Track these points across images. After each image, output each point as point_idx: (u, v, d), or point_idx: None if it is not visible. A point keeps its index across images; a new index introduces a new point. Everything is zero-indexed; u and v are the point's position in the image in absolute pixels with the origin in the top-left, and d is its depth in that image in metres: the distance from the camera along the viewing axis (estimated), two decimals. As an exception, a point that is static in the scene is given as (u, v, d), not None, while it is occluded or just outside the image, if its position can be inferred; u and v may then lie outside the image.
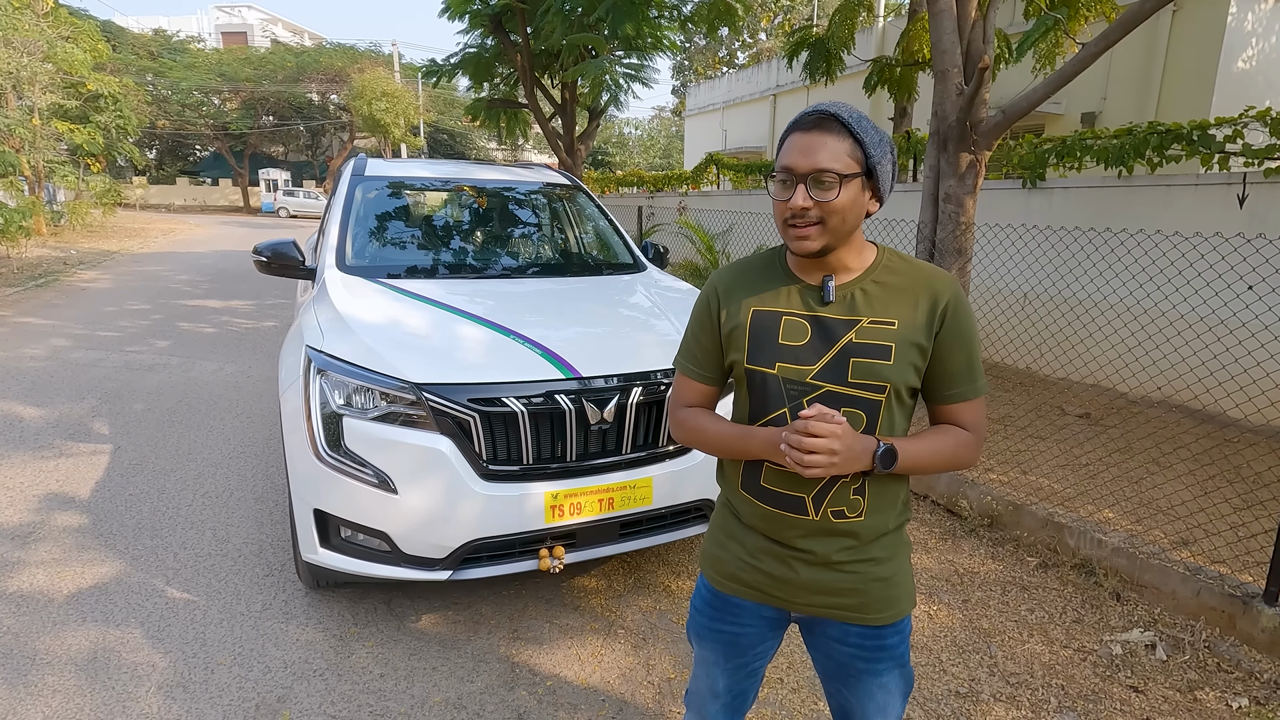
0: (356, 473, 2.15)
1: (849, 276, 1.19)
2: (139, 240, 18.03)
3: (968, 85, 4.07)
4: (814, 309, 1.18)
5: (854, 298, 1.17)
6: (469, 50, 11.07)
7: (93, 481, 3.66)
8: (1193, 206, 4.66)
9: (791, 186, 1.11)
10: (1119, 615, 2.64)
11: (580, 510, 2.27)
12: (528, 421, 2.18)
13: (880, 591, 1.23)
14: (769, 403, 1.20)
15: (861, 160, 1.11)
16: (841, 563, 1.21)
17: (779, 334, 1.19)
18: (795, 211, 1.11)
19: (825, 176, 1.09)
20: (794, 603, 1.26)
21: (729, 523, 1.32)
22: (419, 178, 3.74)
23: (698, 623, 1.39)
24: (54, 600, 2.62)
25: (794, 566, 1.22)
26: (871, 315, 1.15)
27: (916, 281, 1.17)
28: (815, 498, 1.18)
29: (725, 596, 1.33)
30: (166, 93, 31.55)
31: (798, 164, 1.10)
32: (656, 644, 2.48)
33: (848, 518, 1.19)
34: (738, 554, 1.29)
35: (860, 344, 1.14)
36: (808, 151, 1.10)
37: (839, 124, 1.11)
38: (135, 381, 5.50)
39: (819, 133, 1.10)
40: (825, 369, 1.16)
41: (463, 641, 2.46)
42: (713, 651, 1.37)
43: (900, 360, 1.14)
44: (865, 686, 1.28)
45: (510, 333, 2.41)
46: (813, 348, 1.17)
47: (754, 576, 1.27)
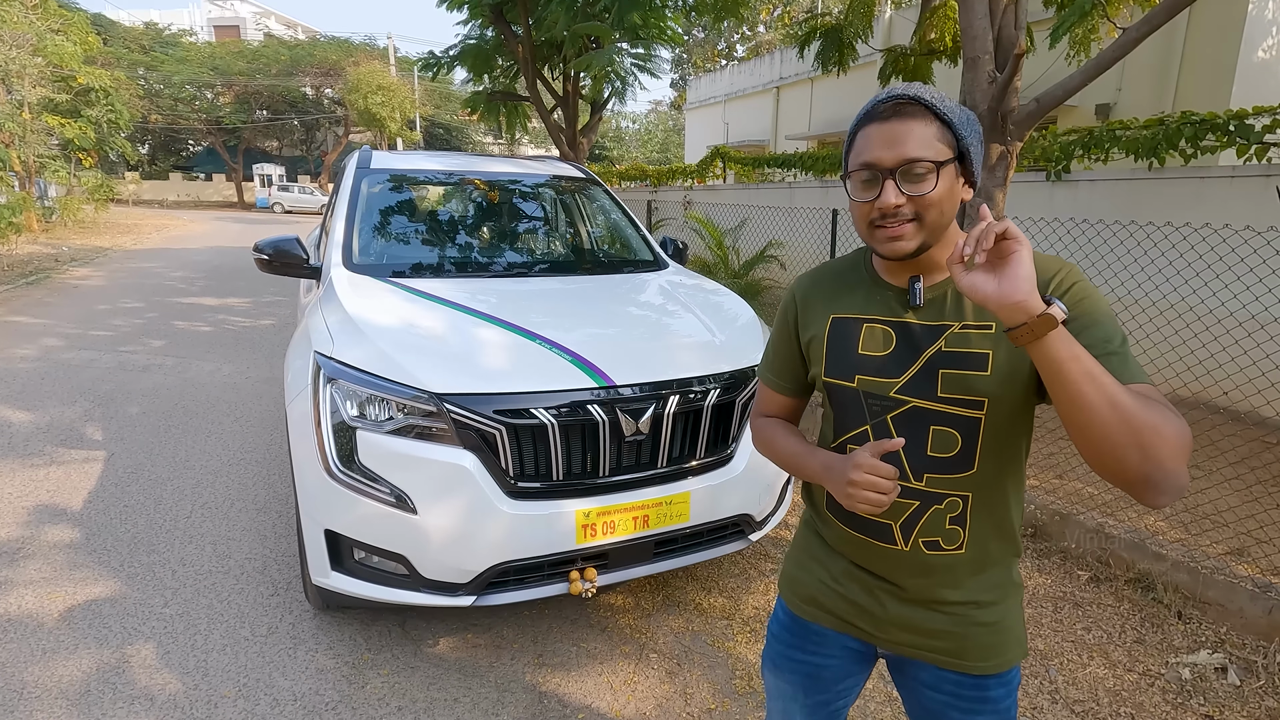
0: (372, 491, 1.97)
1: (941, 275, 1.04)
2: (132, 236, 17.75)
3: (1000, 73, 3.90)
4: (899, 314, 1.05)
5: (945, 299, 1.02)
6: (468, 41, 10.85)
7: (85, 491, 3.47)
8: (1228, 199, 4.50)
9: (877, 184, 0.97)
10: (1183, 635, 2.48)
11: (614, 529, 2.10)
12: (558, 434, 2.00)
13: (983, 637, 1.07)
14: (849, 419, 1.09)
15: (953, 143, 0.97)
16: (937, 601, 1.07)
17: (859, 343, 1.07)
18: (886, 211, 0.97)
19: (918, 167, 0.94)
20: (880, 638, 1.13)
21: (812, 543, 1.22)
22: (427, 170, 3.55)
23: (774, 650, 1.27)
24: (43, 625, 2.44)
25: (880, 598, 1.10)
26: (964, 319, 1.00)
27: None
28: (904, 525, 1.04)
29: (804, 623, 1.21)
30: (159, 87, 31.16)
31: (883, 157, 0.96)
32: (693, 669, 2.32)
33: (944, 549, 1.04)
34: (820, 577, 1.18)
35: (951, 353, 1.00)
36: (893, 142, 0.96)
37: (921, 107, 0.96)
38: (130, 383, 5.30)
39: (901, 120, 0.96)
40: (911, 382, 1.02)
41: (484, 669, 2.29)
42: (790, 684, 1.24)
43: (1001, 370, 0.97)
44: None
45: (536, 337, 2.23)
46: (897, 358, 1.04)
47: (836, 603, 1.16)
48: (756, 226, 7.71)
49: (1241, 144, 4.28)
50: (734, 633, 2.51)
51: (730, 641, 2.46)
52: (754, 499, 2.35)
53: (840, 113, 14.93)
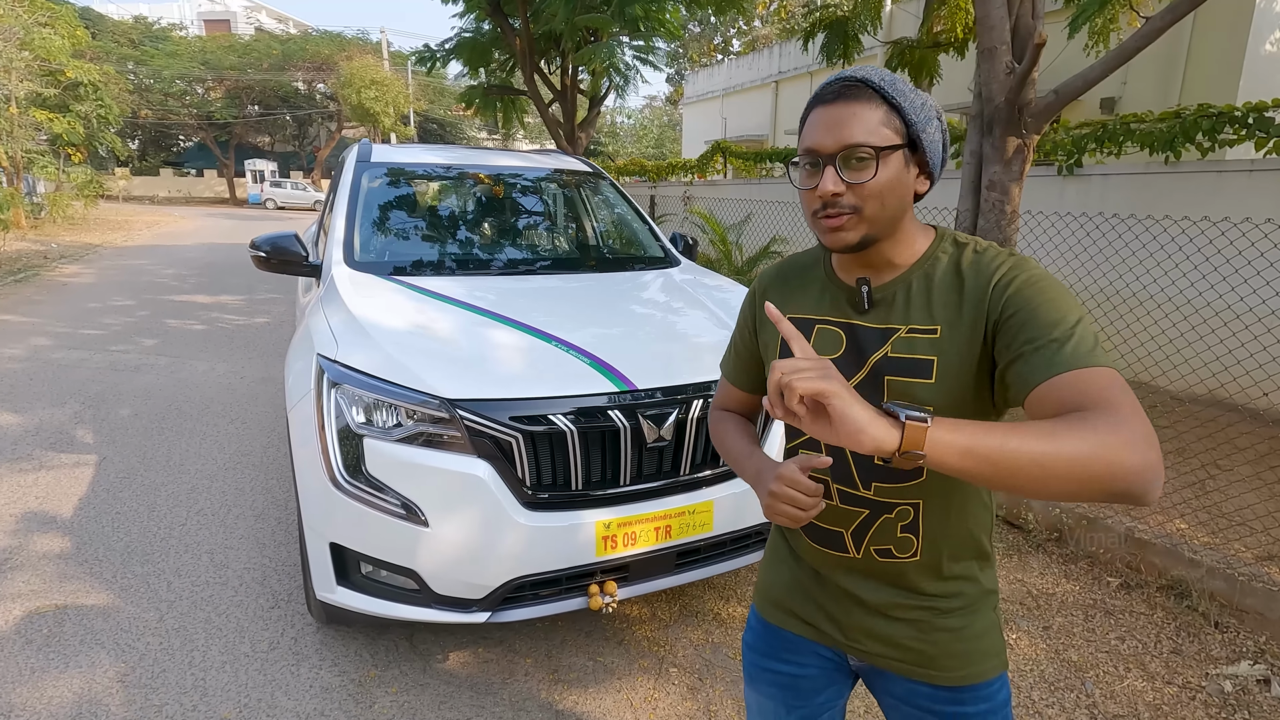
0: (380, 502, 1.86)
1: (893, 274, 0.97)
2: (122, 233, 17.51)
3: (1018, 64, 3.80)
4: (849, 316, 0.99)
5: (894, 300, 0.96)
6: (464, 35, 10.70)
7: (76, 498, 3.35)
8: (1246, 193, 4.42)
9: (819, 170, 0.91)
10: (1220, 645, 2.40)
11: (635, 541, 1.99)
12: (577, 441, 1.90)
13: (950, 645, 1.01)
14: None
15: (902, 130, 0.90)
16: (897, 607, 1.02)
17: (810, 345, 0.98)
18: (825, 199, 0.91)
19: (858, 153, 0.88)
20: (849, 645, 1.07)
21: (781, 547, 1.17)
22: (430, 164, 3.43)
23: (749, 661, 1.20)
24: (32, 641, 2.32)
25: (845, 605, 1.06)
26: (910, 321, 0.94)
27: (967, 270, 0.92)
28: (854, 533, 1.01)
29: (777, 630, 1.15)
30: (148, 81, 30.75)
31: (822, 143, 0.90)
32: (715, 684, 2.22)
33: (897, 557, 1.00)
34: (786, 581, 1.14)
35: (896, 358, 0.94)
36: (833, 127, 0.90)
37: (869, 90, 0.90)
38: (121, 384, 5.17)
39: (845, 103, 0.90)
40: (859, 388, 0.93)
41: (498, 686, 2.19)
42: (770, 698, 1.17)
43: (946, 378, 0.90)
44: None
45: (551, 338, 2.12)
46: (845, 362, 0.97)
47: (807, 607, 1.11)
48: (759, 222, 7.60)
49: (1261, 137, 4.19)
50: (755, 645, 2.41)
51: (752, 654, 2.36)
52: (778, 507, 2.25)
53: (839, 107, 14.78)
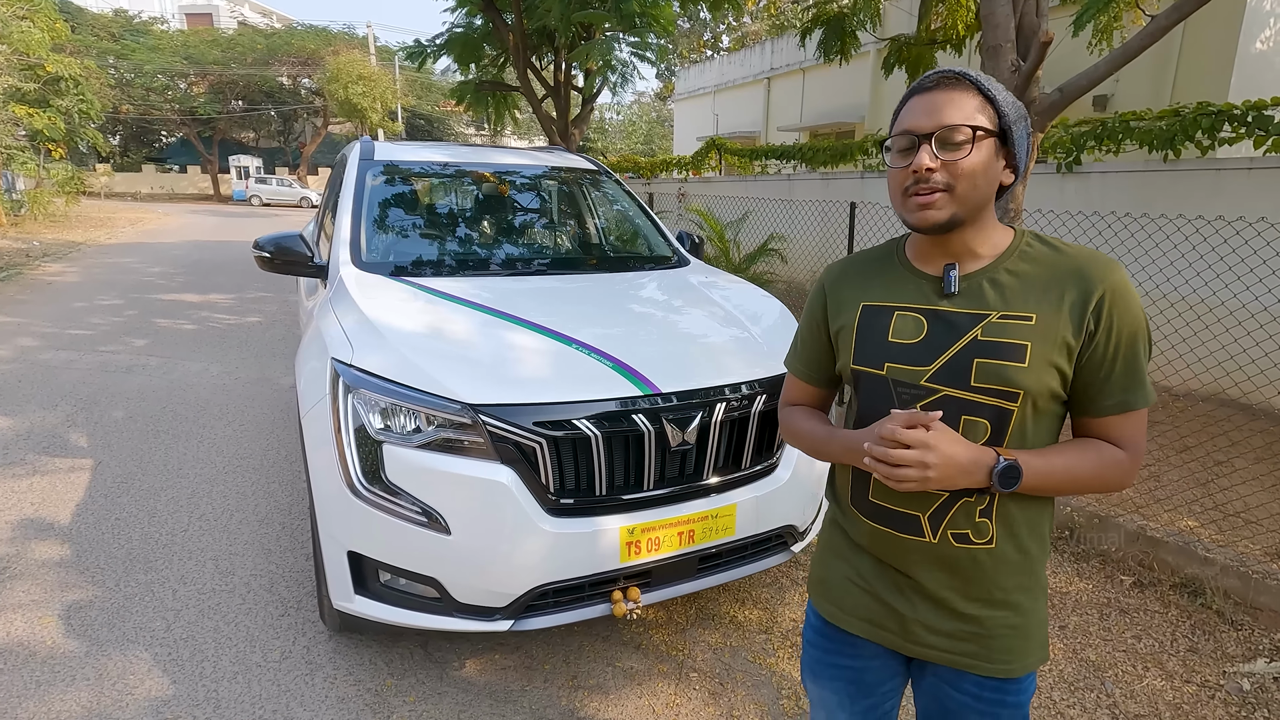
0: (400, 509, 1.82)
1: (977, 264, 1.02)
2: (106, 230, 17.22)
3: (1022, 62, 3.80)
4: (933, 302, 1.03)
5: (983, 288, 1.01)
6: (455, 30, 10.59)
7: (73, 503, 3.28)
8: (1246, 191, 4.45)
9: (914, 150, 0.98)
10: (1236, 642, 2.41)
11: (658, 546, 1.97)
12: (601, 446, 1.86)
13: (1008, 641, 1.05)
14: (878, 407, 1.06)
15: (994, 120, 0.97)
16: (963, 599, 1.04)
17: (889, 331, 1.06)
18: (919, 175, 0.96)
19: (956, 133, 0.95)
20: (907, 642, 1.09)
21: (837, 541, 1.18)
22: (435, 163, 3.38)
23: (812, 658, 1.23)
24: (36, 653, 2.26)
25: (909, 596, 1.08)
26: (1004, 309, 0.99)
27: (1062, 269, 0.99)
28: (932, 516, 1.02)
29: (836, 629, 1.18)
30: (129, 76, 30.26)
31: (921, 123, 0.97)
32: (736, 689, 2.20)
33: (973, 543, 1.01)
34: (846, 575, 1.15)
35: (988, 342, 0.98)
36: (932, 110, 0.97)
37: (966, 81, 0.98)
38: (113, 385, 5.07)
39: (944, 90, 0.98)
40: (943, 370, 1.00)
41: (516, 693, 2.16)
42: (834, 692, 1.19)
43: (1038, 362, 0.96)
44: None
45: (571, 341, 2.08)
46: (928, 346, 1.02)
47: (864, 603, 1.12)
48: (756, 219, 7.58)
49: (1260, 135, 4.22)
50: (774, 648, 2.40)
51: (772, 658, 2.35)
52: (799, 509, 2.24)
53: (833, 104, 14.84)
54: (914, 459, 0.92)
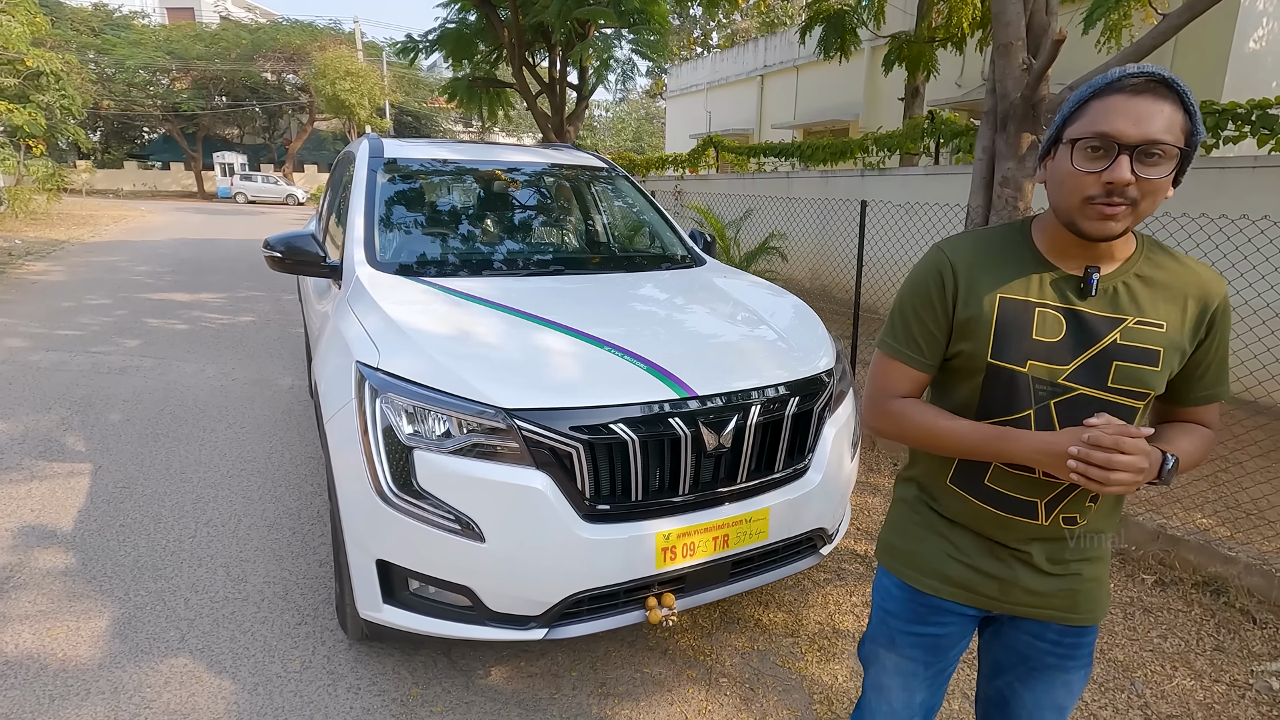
0: (433, 517, 1.78)
1: (1111, 267, 1.06)
2: (89, 228, 16.91)
3: (1034, 59, 3.79)
4: (1072, 302, 1.06)
5: (1117, 292, 1.05)
6: (448, 26, 10.48)
7: (75, 510, 3.19)
8: (1249, 189, 4.48)
9: (1109, 157, 0.94)
10: (1262, 641, 2.42)
11: (693, 551, 1.93)
12: (638, 450, 1.83)
13: (1091, 592, 1.17)
14: (1013, 403, 1.08)
15: (1188, 136, 0.96)
16: (1061, 563, 1.15)
17: (1033, 328, 1.06)
18: (1114, 187, 0.94)
19: (1158, 149, 0.93)
20: (1004, 602, 1.18)
21: (928, 518, 1.23)
22: (445, 160, 3.32)
23: (893, 628, 1.27)
24: (47, 667, 2.19)
25: (1010, 565, 1.16)
26: (1139, 315, 1.04)
27: (1186, 281, 1.05)
28: (1049, 503, 1.10)
29: (925, 596, 1.23)
30: (110, 71, 29.77)
31: (1126, 131, 0.93)
32: (768, 694, 2.18)
33: (1076, 524, 1.12)
34: (944, 550, 1.20)
35: (1126, 346, 1.03)
36: (1141, 119, 0.93)
37: (1174, 92, 0.94)
38: (107, 387, 4.96)
39: (1153, 98, 0.93)
40: (1081, 370, 1.04)
41: (545, 701, 2.12)
42: (912, 660, 1.26)
43: (1166, 367, 1.04)
44: (1048, 682, 1.21)
45: (602, 343, 2.04)
46: (1067, 345, 1.05)
47: (964, 575, 1.19)
48: (754, 217, 7.56)
49: (1264, 134, 4.25)
50: (802, 651, 2.38)
51: (801, 661, 2.32)
52: (830, 511, 2.21)
53: (827, 102, 14.86)
54: (1133, 466, 0.95)
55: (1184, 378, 1.09)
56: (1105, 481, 0.96)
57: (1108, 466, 0.95)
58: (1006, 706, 1.27)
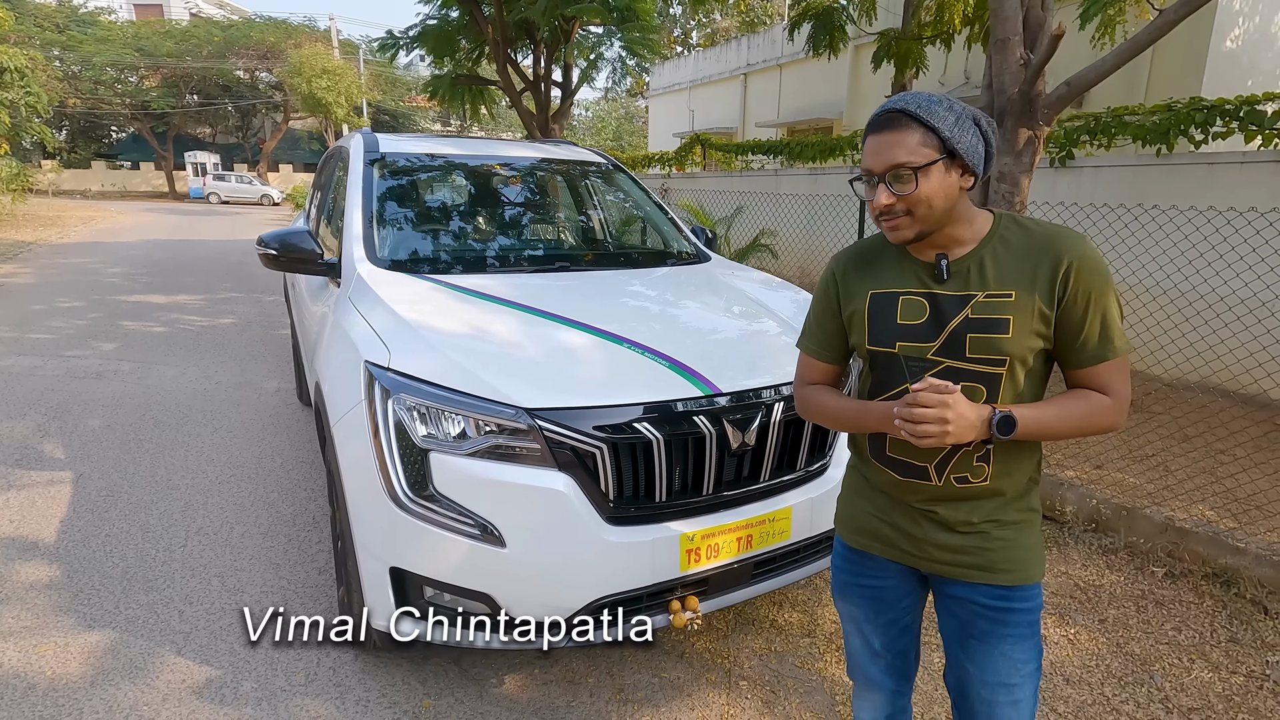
0: (451, 522, 1.71)
1: (964, 249, 1.19)
2: (56, 230, 16.47)
3: (1031, 55, 3.80)
4: (930, 286, 1.20)
5: (968, 272, 1.18)
6: (430, 22, 10.32)
7: (57, 520, 3.06)
8: (1238, 185, 4.54)
9: (874, 185, 1.15)
10: (1274, 631, 2.43)
11: (718, 553, 1.88)
12: (663, 450, 1.77)
13: (1005, 551, 1.24)
14: (892, 379, 1.24)
15: (938, 145, 1.12)
16: (966, 523, 1.23)
17: (897, 314, 1.22)
18: (879, 209, 1.15)
19: (901, 172, 1.11)
20: (922, 559, 1.29)
21: (859, 485, 1.39)
22: (441, 155, 3.23)
23: (840, 580, 1.45)
24: (35, 686, 2.08)
25: (921, 524, 1.27)
26: (986, 289, 1.16)
27: (1034, 247, 1.16)
28: (938, 465, 1.21)
29: (860, 552, 1.38)
30: (77, 68, 29.02)
31: (872, 165, 1.14)
32: (790, 697, 2.14)
33: (971, 483, 1.21)
34: (869, 510, 1.35)
35: (976, 319, 1.16)
36: (880, 151, 1.13)
37: (906, 117, 1.12)
38: (84, 392, 4.79)
39: (889, 131, 1.13)
40: (944, 345, 1.18)
41: (563, 709, 2.06)
42: (859, 608, 1.41)
43: (1020, 332, 1.14)
44: (986, 652, 1.26)
45: (621, 340, 1.98)
46: (931, 325, 1.19)
47: (884, 531, 1.32)
48: (743, 214, 7.54)
49: (1252, 130, 4.31)
50: (820, 651, 2.34)
51: (820, 662, 2.28)
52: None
53: (810, 100, 14.90)
54: (935, 417, 1.08)
55: (1064, 340, 1.16)
56: (914, 434, 1.10)
57: (911, 419, 1.09)
58: (965, 695, 1.33)
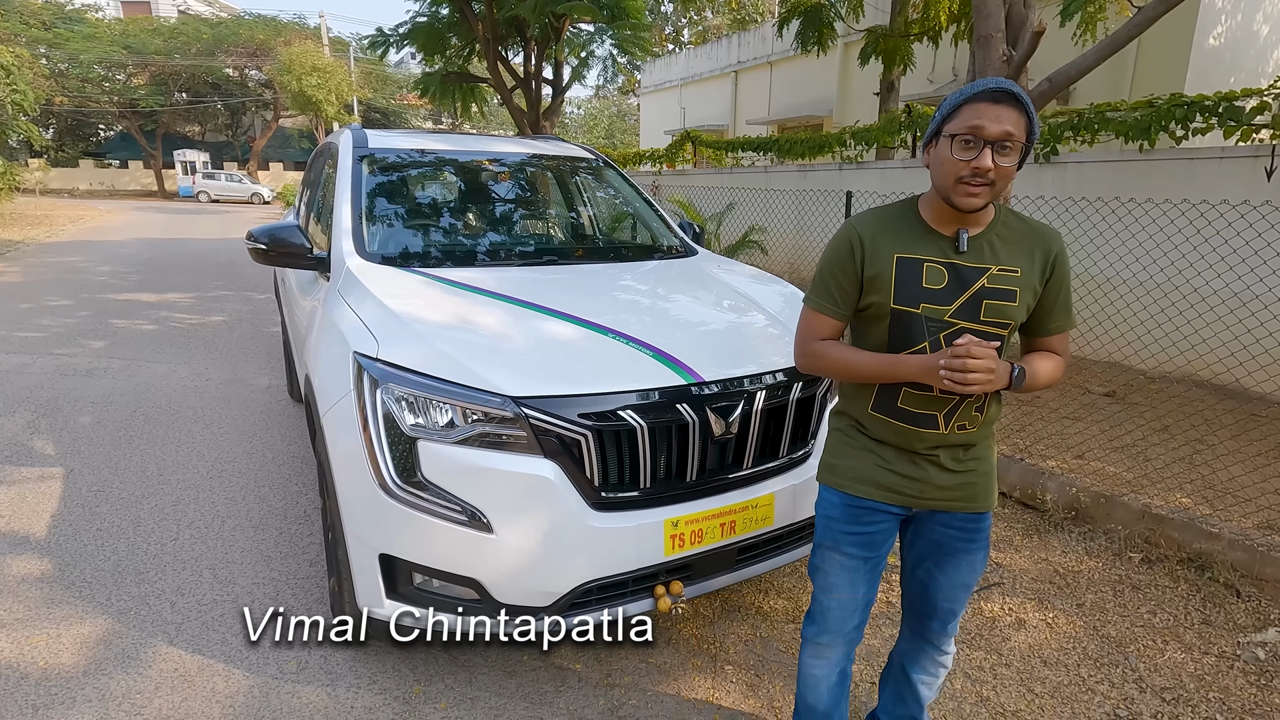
0: (439, 509, 1.74)
1: (977, 230, 1.36)
2: (45, 228, 16.36)
3: (1013, 51, 3.86)
4: (950, 257, 1.35)
5: (983, 248, 1.35)
6: (420, 19, 10.31)
7: (48, 514, 3.07)
8: (1217, 180, 4.61)
9: (977, 148, 1.25)
10: (1245, 613, 2.49)
11: (701, 538, 1.92)
12: (647, 437, 1.81)
13: (985, 484, 1.49)
14: (912, 337, 1.37)
15: (1027, 133, 1.27)
16: (960, 462, 1.45)
17: (923, 278, 1.35)
18: (978, 172, 1.24)
19: (1010, 142, 1.24)
20: (921, 499, 1.47)
21: (859, 440, 1.51)
22: (431, 151, 3.26)
23: (837, 531, 1.54)
24: (28, 676, 2.11)
25: (924, 467, 1.45)
26: (999, 264, 1.34)
27: (1032, 236, 1.38)
28: (946, 415, 1.39)
29: (859, 500, 1.51)
30: (64, 66, 28.76)
31: (988, 128, 1.23)
32: (774, 680, 2.18)
33: (968, 429, 1.42)
34: (874, 462, 1.49)
35: (991, 288, 1.34)
36: (999, 119, 1.24)
37: (1019, 101, 1.26)
38: (74, 390, 4.79)
39: (1006, 106, 1.24)
40: (961, 308, 1.34)
41: (551, 695, 2.10)
42: (850, 557, 1.54)
43: (1021, 302, 1.35)
44: (956, 564, 1.53)
45: (607, 330, 2.02)
46: (950, 290, 1.34)
47: (889, 479, 1.47)
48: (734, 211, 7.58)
49: (1230, 125, 4.38)
50: (804, 637, 2.38)
51: (804, 647, 2.33)
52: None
53: (801, 98, 14.96)
54: (984, 368, 1.25)
55: (1040, 313, 1.41)
56: (964, 383, 1.25)
57: (965, 370, 1.24)
58: (925, 591, 1.58)
